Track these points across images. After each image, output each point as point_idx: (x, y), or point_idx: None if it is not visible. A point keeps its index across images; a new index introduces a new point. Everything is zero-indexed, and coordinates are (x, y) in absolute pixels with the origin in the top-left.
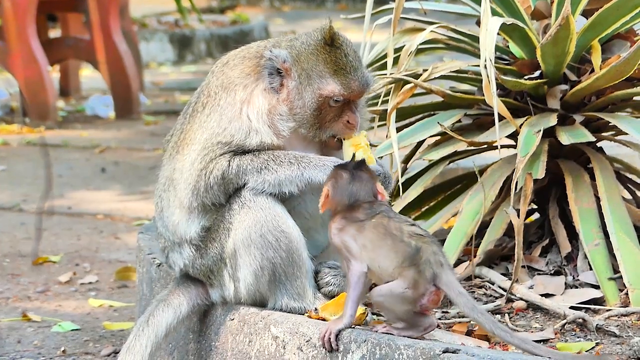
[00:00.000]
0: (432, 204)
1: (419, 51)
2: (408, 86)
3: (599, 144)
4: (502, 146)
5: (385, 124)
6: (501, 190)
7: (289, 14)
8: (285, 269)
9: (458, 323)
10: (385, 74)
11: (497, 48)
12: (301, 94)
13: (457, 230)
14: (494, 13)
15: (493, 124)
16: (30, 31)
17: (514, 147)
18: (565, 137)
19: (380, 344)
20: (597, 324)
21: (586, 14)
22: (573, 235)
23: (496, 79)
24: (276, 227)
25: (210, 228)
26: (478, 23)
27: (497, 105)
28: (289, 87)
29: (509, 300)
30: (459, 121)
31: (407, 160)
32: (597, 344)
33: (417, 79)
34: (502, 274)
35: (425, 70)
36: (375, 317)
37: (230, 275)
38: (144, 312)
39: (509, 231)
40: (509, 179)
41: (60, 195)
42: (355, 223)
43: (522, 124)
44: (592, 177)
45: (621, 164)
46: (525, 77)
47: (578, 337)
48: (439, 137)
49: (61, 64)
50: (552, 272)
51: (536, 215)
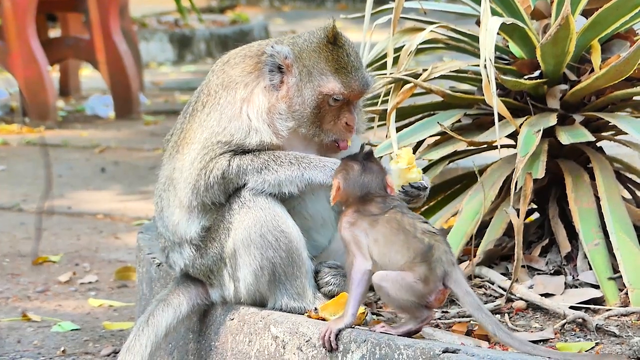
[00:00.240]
0: (431, 203)
1: (418, 51)
2: (408, 86)
3: (598, 144)
4: (502, 146)
5: (385, 124)
6: (501, 190)
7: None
8: (285, 269)
9: (458, 323)
10: (385, 74)
11: (497, 48)
12: (301, 91)
13: (457, 230)
14: (494, 13)
15: (493, 124)
16: (30, 31)
17: (514, 147)
18: (565, 137)
19: (380, 344)
20: (596, 324)
21: (586, 13)
22: (573, 235)
23: (496, 78)
24: (276, 227)
25: (210, 228)
26: (478, 23)
27: (497, 105)
28: (289, 84)
29: (509, 300)
30: (459, 121)
31: None
32: (596, 343)
33: (416, 79)
34: (502, 274)
35: (425, 70)
36: (374, 317)
37: (230, 275)
38: (143, 312)
39: (509, 231)
40: (508, 179)
41: (60, 195)
42: (368, 217)
43: (521, 124)
44: (592, 177)
45: (621, 164)
46: (525, 77)
47: (578, 337)
48: (438, 137)
49: (61, 64)
50: (552, 271)
51: (536, 215)
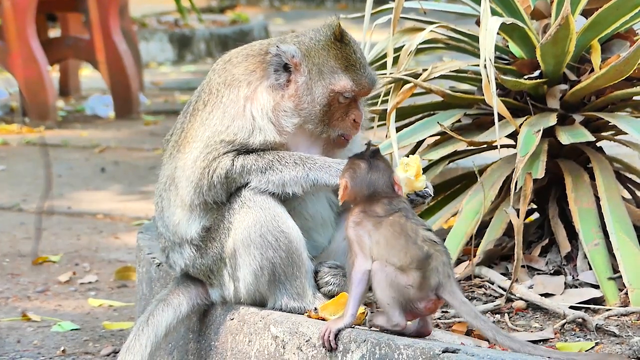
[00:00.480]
0: (431, 203)
1: (418, 51)
2: (408, 86)
3: (598, 144)
4: (502, 146)
5: (384, 124)
6: (501, 190)
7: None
8: (284, 269)
9: (458, 323)
10: (385, 74)
11: (497, 48)
12: (311, 89)
13: (456, 230)
14: (494, 13)
15: (493, 124)
16: (30, 31)
17: (514, 146)
18: (565, 137)
19: (380, 344)
20: (596, 324)
21: (586, 13)
22: (573, 235)
23: (496, 78)
24: (276, 227)
25: (211, 228)
26: (478, 23)
27: (497, 105)
28: (298, 83)
29: (509, 300)
30: (459, 121)
31: None
32: (596, 343)
33: (416, 79)
34: (502, 274)
35: (424, 70)
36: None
37: (230, 275)
38: (143, 311)
39: (509, 231)
40: (508, 179)
41: (60, 195)
42: (374, 218)
43: (521, 124)
44: (592, 177)
45: (621, 164)
46: (525, 76)
47: (578, 337)
48: (438, 137)
49: (61, 64)
50: (552, 271)
51: (536, 215)
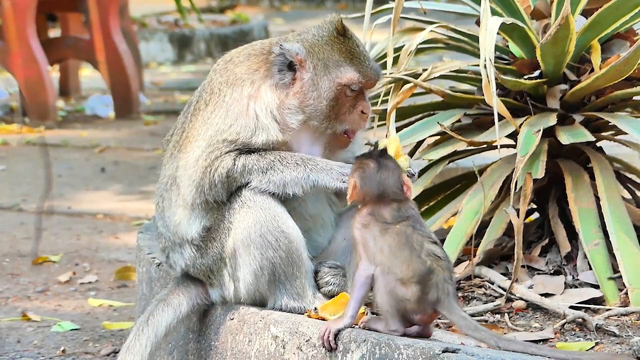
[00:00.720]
0: (431, 203)
1: (418, 51)
2: (408, 86)
3: (598, 144)
4: (502, 146)
5: (384, 124)
6: (501, 190)
7: (289, 13)
8: (284, 269)
9: None
10: (385, 74)
11: (497, 48)
12: (317, 85)
13: (456, 230)
14: (494, 13)
15: (493, 124)
16: (29, 31)
17: (514, 146)
18: (565, 137)
19: (380, 344)
20: (596, 324)
21: (586, 13)
22: (573, 235)
23: (496, 78)
24: (276, 228)
25: (211, 228)
26: (478, 23)
27: (497, 105)
28: (304, 80)
29: (509, 299)
30: (459, 121)
31: None
32: (596, 343)
33: (416, 79)
34: (502, 274)
35: (424, 70)
36: (374, 316)
37: (230, 275)
38: (143, 311)
39: (509, 231)
40: (508, 179)
41: (60, 195)
42: (381, 224)
43: (521, 124)
44: (592, 177)
45: (621, 164)
46: (525, 76)
47: (578, 337)
48: (438, 137)
49: (61, 64)
50: (552, 271)
51: (536, 215)
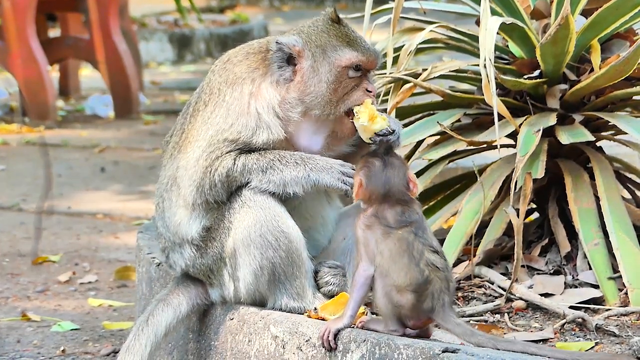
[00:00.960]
0: (431, 203)
1: (418, 51)
2: (407, 85)
3: (598, 144)
4: (502, 146)
5: None
6: (501, 190)
7: (289, 13)
8: (284, 269)
9: None
10: (385, 74)
11: (497, 47)
12: (317, 71)
13: (456, 230)
14: (494, 12)
15: (492, 124)
16: (29, 31)
17: (514, 146)
18: (565, 137)
19: (380, 344)
20: (596, 324)
21: (585, 13)
22: (572, 235)
23: (496, 78)
24: (276, 227)
25: (211, 227)
26: (477, 22)
27: (497, 104)
28: (304, 68)
29: (509, 299)
30: (459, 121)
31: (406, 159)
32: (596, 343)
33: (416, 79)
34: (502, 274)
35: (424, 70)
36: (374, 316)
37: (230, 275)
38: (143, 311)
39: (509, 231)
40: (508, 179)
41: (60, 194)
42: (384, 227)
43: (521, 124)
44: (592, 177)
45: (621, 164)
46: (525, 76)
47: (577, 337)
48: (438, 137)
49: (61, 64)
50: (552, 271)
51: (536, 215)
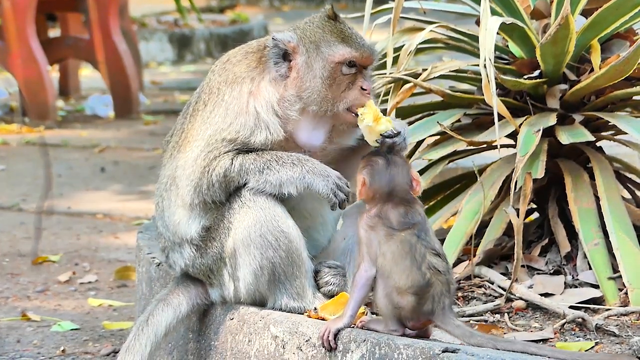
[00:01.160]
0: (431, 203)
1: (418, 51)
2: (407, 86)
3: (598, 144)
4: (502, 146)
5: None
6: (501, 190)
7: (289, 13)
8: (284, 269)
9: None
10: (385, 74)
11: (497, 47)
12: (311, 66)
13: (456, 230)
14: (494, 12)
15: (492, 124)
16: (29, 31)
17: (514, 146)
18: (565, 137)
19: (380, 344)
20: (596, 324)
21: (585, 13)
22: (572, 235)
23: (496, 78)
24: (276, 227)
25: (211, 227)
26: (477, 22)
27: (497, 104)
28: (298, 64)
29: (509, 299)
30: (459, 121)
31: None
32: (596, 343)
33: (416, 79)
34: (502, 274)
35: (424, 70)
36: (374, 316)
37: (230, 275)
38: (143, 311)
39: (509, 231)
40: (508, 179)
41: (60, 194)
42: (387, 228)
43: (521, 124)
44: (592, 177)
45: (621, 164)
46: (525, 76)
47: (577, 337)
48: (438, 137)
49: (61, 64)
50: (552, 271)
51: (535, 215)
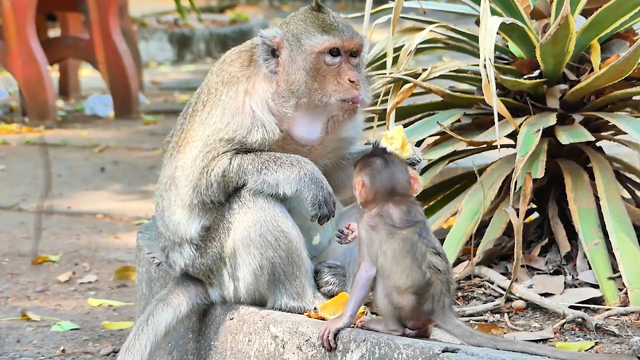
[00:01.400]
0: (431, 203)
1: (418, 51)
2: (407, 86)
3: (598, 144)
4: (502, 146)
5: (384, 124)
6: (500, 190)
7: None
8: (284, 269)
9: None
10: (385, 74)
11: (497, 47)
12: (294, 59)
13: (456, 230)
14: (493, 12)
15: (492, 124)
16: (29, 31)
17: (513, 146)
18: (565, 137)
19: (380, 344)
20: (596, 324)
21: (585, 13)
22: (572, 235)
23: (495, 78)
24: (276, 227)
25: (210, 227)
26: (477, 22)
27: (497, 104)
28: (283, 58)
29: (508, 299)
30: (459, 121)
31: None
32: (596, 343)
33: (416, 79)
34: (502, 274)
35: (424, 70)
36: (374, 316)
37: (230, 275)
38: (143, 311)
39: (509, 230)
40: (508, 179)
41: (60, 194)
42: (389, 227)
43: (521, 124)
44: (592, 177)
45: (620, 164)
46: (525, 76)
47: (577, 337)
48: (438, 137)
49: (60, 64)
50: (552, 271)
51: (535, 215)
